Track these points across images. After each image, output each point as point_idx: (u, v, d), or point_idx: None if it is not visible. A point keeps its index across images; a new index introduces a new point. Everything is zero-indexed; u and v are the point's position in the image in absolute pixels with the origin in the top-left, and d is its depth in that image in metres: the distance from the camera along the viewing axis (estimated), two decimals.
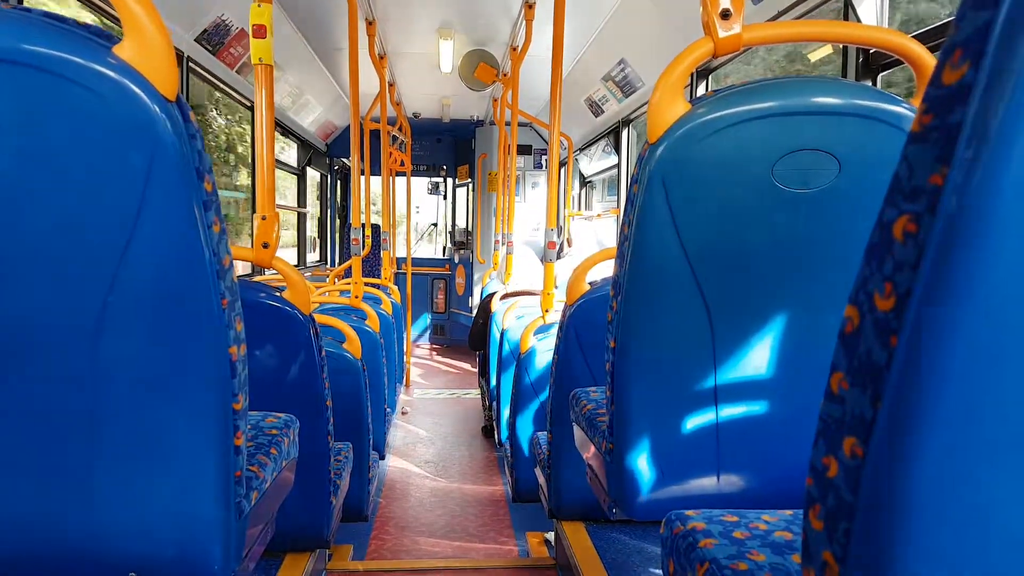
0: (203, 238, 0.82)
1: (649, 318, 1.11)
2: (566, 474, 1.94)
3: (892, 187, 0.45)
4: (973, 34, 0.39)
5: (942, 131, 0.41)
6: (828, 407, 0.51)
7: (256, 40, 1.53)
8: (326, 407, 1.66)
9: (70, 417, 0.86)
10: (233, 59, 3.43)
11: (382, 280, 4.49)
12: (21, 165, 0.76)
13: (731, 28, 1.00)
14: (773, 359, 1.11)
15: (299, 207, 5.81)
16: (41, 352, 0.83)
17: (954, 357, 0.41)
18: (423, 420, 4.45)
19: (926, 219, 0.42)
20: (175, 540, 0.91)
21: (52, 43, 0.74)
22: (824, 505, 0.51)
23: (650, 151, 1.03)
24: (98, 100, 0.75)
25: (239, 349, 0.92)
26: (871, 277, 0.47)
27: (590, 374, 1.83)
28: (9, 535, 0.90)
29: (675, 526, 0.88)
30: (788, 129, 0.99)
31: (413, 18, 3.84)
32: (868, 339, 0.47)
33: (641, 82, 3.84)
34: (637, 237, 1.07)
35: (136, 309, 0.83)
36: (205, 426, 0.89)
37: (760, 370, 1.11)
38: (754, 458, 1.16)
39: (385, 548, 2.52)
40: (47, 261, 0.80)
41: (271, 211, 1.56)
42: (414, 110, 6.41)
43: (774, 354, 1.11)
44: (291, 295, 1.56)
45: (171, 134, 0.78)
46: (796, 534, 0.84)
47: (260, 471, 1.08)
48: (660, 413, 1.14)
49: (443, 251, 8.10)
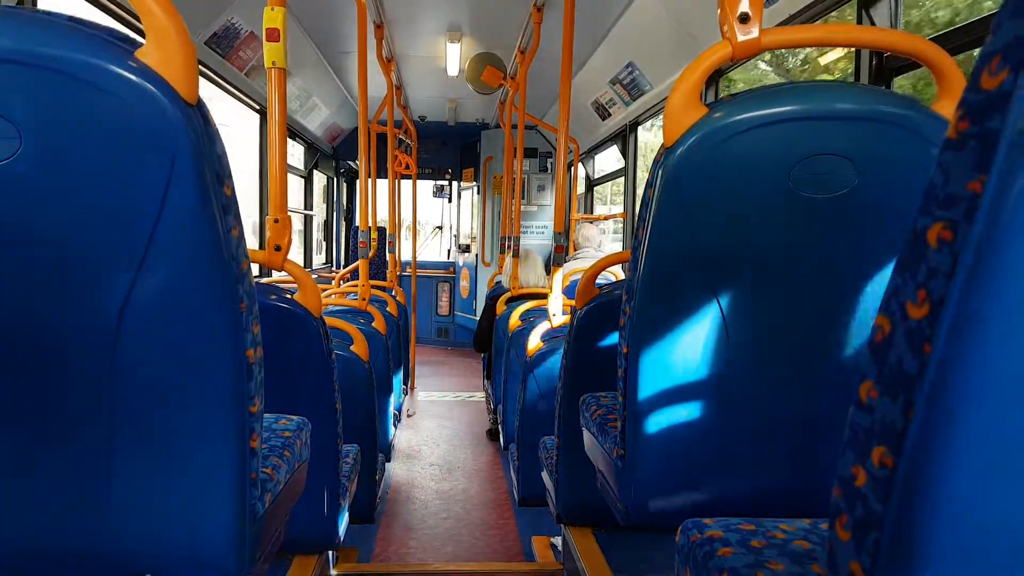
0: (223, 242, 0.82)
1: (663, 322, 1.10)
2: (574, 479, 1.94)
3: (926, 194, 0.45)
4: (1013, 41, 0.39)
5: (980, 138, 0.41)
6: (856, 416, 0.51)
7: (270, 44, 1.52)
8: (336, 409, 1.66)
9: (87, 418, 0.86)
10: (242, 62, 3.44)
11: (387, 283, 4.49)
12: (42, 168, 0.76)
13: (749, 32, 0.99)
14: (788, 365, 1.10)
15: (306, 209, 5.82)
16: (59, 354, 0.83)
17: (990, 365, 0.41)
18: (428, 423, 4.45)
19: (962, 226, 0.41)
20: (189, 542, 0.91)
21: (74, 47, 0.74)
22: (852, 515, 0.51)
23: (666, 154, 1.03)
24: (119, 104, 0.75)
25: (256, 352, 0.92)
26: (903, 286, 0.46)
27: (599, 378, 1.83)
28: (25, 536, 0.90)
29: (692, 534, 0.88)
30: (806, 134, 0.98)
31: (421, 21, 3.85)
32: (899, 348, 0.46)
33: (649, 85, 3.83)
34: (651, 241, 1.06)
35: (155, 312, 0.83)
36: (222, 428, 0.88)
37: (775, 376, 1.11)
38: (768, 465, 1.15)
39: (391, 550, 2.52)
40: (67, 264, 0.80)
41: (283, 214, 1.56)
42: (420, 113, 6.42)
43: (789, 360, 1.10)
44: (302, 298, 1.56)
45: (192, 138, 0.77)
46: (814, 543, 0.84)
47: (274, 473, 1.07)
48: (673, 419, 1.14)
49: (447, 254, 8.10)
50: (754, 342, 1.09)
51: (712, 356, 1.10)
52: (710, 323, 1.08)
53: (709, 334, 1.09)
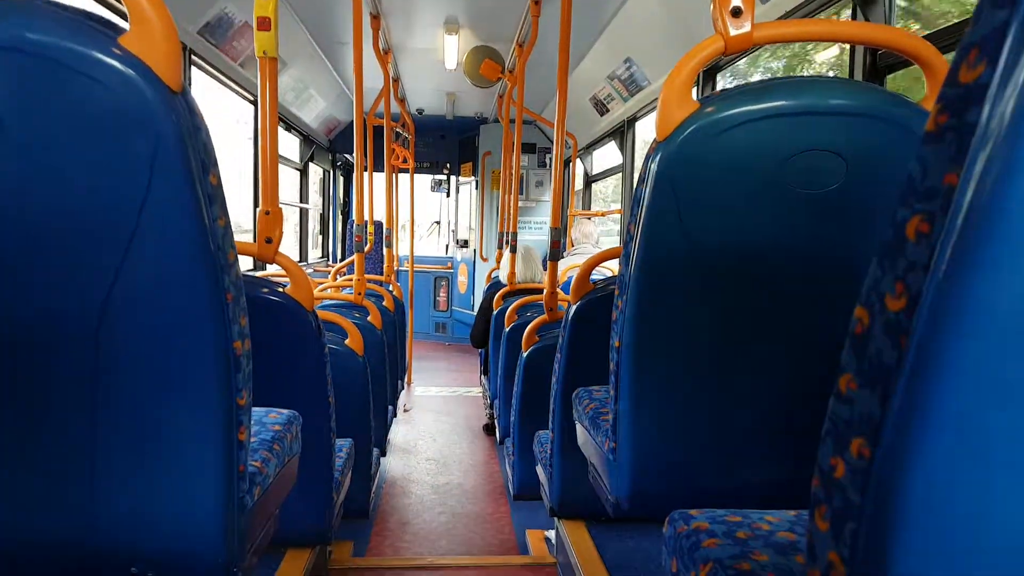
0: (208, 232, 0.82)
1: (655, 317, 1.10)
2: (568, 473, 1.94)
3: (905, 187, 0.45)
4: (990, 33, 0.39)
5: (958, 131, 0.41)
6: (836, 407, 0.51)
7: (260, 32, 1.52)
8: (329, 403, 1.66)
9: (72, 410, 0.86)
10: (236, 52, 3.43)
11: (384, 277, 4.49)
12: (24, 155, 0.76)
13: (742, 26, 0.99)
14: (778, 359, 1.10)
15: (301, 203, 5.81)
16: (44, 345, 0.83)
17: (965, 357, 0.41)
18: (424, 417, 4.45)
19: (940, 219, 0.41)
20: (178, 535, 0.91)
21: (56, 32, 0.73)
22: (830, 506, 0.51)
23: (658, 149, 1.03)
24: (102, 90, 0.74)
25: (243, 344, 0.92)
26: (882, 278, 0.46)
27: (593, 373, 1.83)
28: (10, 529, 0.90)
29: (678, 525, 0.88)
30: (798, 129, 0.98)
31: (418, 13, 3.83)
32: (878, 339, 0.46)
33: (647, 81, 3.83)
34: (643, 235, 1.06)
35: (140, 302, 0.82)
36: (208, 421, 0.88)
37: (765, 369, 1.11)
38: (757, 458, 1.15)
39: (386, 545, 2.52)
40: (50, 253, 0.80)
41: (275, 206, 1.55)
42: (418, 106, 6.40)
43: (779, 354, 1.10)
44: (294, 291, 1.55)
45: (176, 126, 0.77)
46: (799, 535, 0.84)
47: (263, 466, 1.07)
48: (664, 412, 1.14)
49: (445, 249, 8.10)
50: (744, 336, 1.09)
51: (702, 350, 1.10)
52: (701, 318, 1.08)
53: (700, 328, 1.09)
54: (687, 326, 1.09)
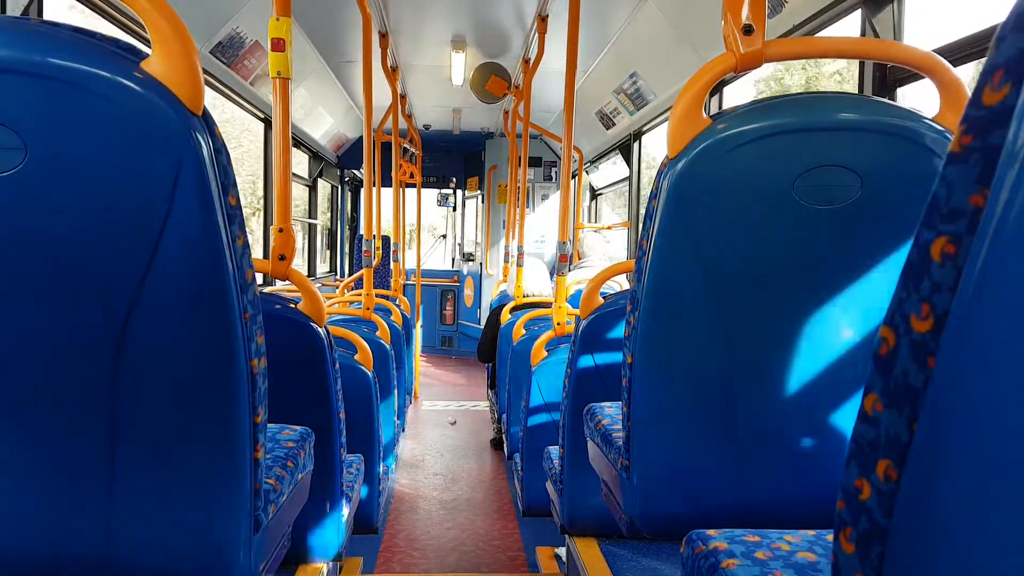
0: (227, 252, 0.83)
1: (667, 333, 1.10)
2: (578, 489, 1.93)
3: (930, 208, 0.45)
4: (1015, 56, 0.39)
5: (983, 152, 0.41)
6: (861, 428, 0.51)
7: (275, 53, 1.54)
8: (339, 419, 1.66)
9: (91, 427, 0.86)
10: (247, 71, 3.47)
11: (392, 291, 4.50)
12: (48, 178, 0.77)
13: (753, 44, 1.00)
14: (792, 376, 1.10)
15: (310, 218, 5.84)
16: (64, 363, 0.84)
17: (994, 378, 0.41)
18: (432, 432, 4.44)
19: (966, 240, 0.41)
20: (193, 553, 0.91)
21: (79, 57, 0.75)
22: (856, 528, 0.51)
23: (670, 165, 1.03)
24: (124, 113, 0.76)
25: (260, 362, 0.92)
26: (907, 299, 0.46)
27: (604, 389, 1.82)
28: (28, 544, 0.90)
29: (696, 546, 0.87)
30: (810, 145, 0.99)
31: (426, 30, 3.87)
32: (904, 361, 0.46)
33: (653, 95, 3.85)
34: (655, 251, 1.06)
35: (160, 322, 0.83)
36: (225, 439, 0.89)
37: (779, 387, 1.10)
38: (773, 476, 1.14)
39: (395, 561, 2.51)
40: (73, 273, 0.81)
41: (287, 223, 1.56)
42: (425, 122, 6.45)
43: (793, 371, 1.10)
44: (306, 307, 1.56)
45: (196, 148, 0.78)
46: (819, 555, 0.83)
47: (278, 484, 1.07)
48: (678, 430, 1.13)
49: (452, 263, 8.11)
50: (759, 353, 1.09)
51: (717, 367, 1.09)
52: (715, 334, 1.08)
53: (714, 345, 1.08)
54: (700, 343, 1.09)
